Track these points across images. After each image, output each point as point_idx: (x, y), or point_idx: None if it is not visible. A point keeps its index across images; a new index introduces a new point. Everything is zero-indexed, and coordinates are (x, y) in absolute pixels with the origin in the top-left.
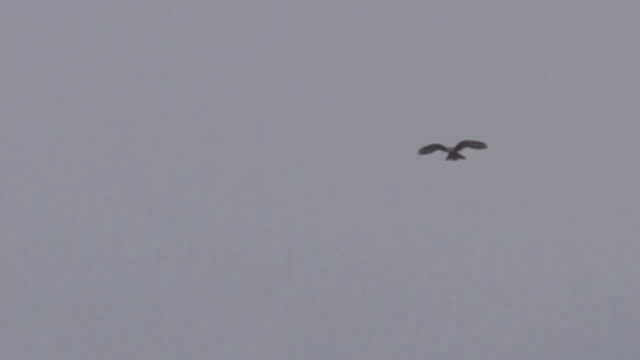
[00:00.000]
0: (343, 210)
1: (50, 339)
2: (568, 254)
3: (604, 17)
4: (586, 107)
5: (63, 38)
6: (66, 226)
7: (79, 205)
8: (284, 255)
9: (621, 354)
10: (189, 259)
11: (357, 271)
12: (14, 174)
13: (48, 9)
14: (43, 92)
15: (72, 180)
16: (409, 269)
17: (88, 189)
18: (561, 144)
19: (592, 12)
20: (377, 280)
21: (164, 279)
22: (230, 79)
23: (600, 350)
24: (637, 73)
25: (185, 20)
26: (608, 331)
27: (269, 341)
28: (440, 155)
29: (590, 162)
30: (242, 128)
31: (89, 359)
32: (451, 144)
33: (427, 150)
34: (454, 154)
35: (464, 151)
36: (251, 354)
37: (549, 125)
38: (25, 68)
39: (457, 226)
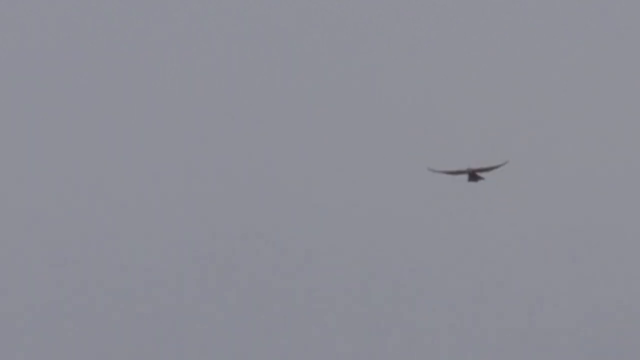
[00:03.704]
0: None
1: (50, 341)
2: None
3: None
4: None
5: (64, 42)
6: (66, 229)
7: (80, 208)
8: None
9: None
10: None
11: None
12: (14, 176)
13: (51, 20)
14: (44, 96)
15: (73, 182)
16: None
17: (89, 191)
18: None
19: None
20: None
21: (166, 283)
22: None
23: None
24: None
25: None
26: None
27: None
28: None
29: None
30: (243, 132)
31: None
32: (468, 167)
33: (444, 172)
34: (473, 175)
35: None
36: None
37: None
38: (25, 71)
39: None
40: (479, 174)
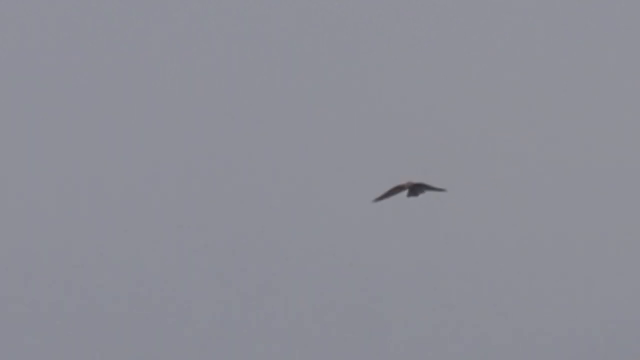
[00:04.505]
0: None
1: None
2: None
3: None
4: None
5: (64, 42)
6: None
7: (81, 210)
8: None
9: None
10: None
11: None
12: (16, 177)
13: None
14: (45, 98)
15: (73, 182)
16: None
17: (89, 191)
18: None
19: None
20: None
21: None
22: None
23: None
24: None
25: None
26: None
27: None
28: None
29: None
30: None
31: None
32: (407, 181)
33: (384, 197)
34: (414, 190)
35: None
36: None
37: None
38: (25, 71)
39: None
40: (419, 190)
